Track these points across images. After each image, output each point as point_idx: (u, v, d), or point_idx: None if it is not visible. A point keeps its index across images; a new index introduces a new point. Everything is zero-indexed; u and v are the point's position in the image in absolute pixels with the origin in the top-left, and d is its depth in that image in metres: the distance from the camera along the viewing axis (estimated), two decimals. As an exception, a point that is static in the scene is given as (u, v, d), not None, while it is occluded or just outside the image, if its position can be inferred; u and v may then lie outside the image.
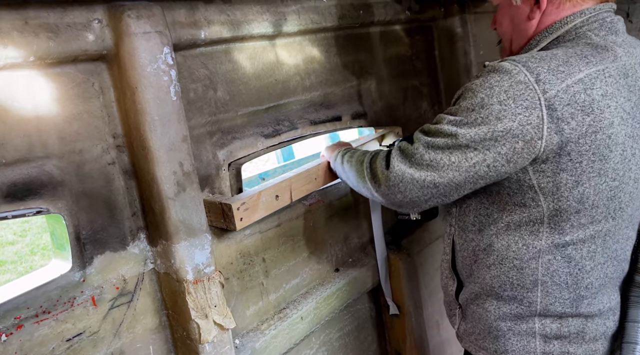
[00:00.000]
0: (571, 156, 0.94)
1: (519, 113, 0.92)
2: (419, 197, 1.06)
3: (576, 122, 0.92)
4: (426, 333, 2.10)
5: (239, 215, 1.27)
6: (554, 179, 0.97)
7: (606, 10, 1.06)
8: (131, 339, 1.22)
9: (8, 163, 0.99)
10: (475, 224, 1.16)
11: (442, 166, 1.00)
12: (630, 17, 1.80)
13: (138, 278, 1.22)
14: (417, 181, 1.04)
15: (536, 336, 1.13)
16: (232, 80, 1.39)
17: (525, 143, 0.93)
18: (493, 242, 1.13)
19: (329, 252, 1.79)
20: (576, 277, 1.08)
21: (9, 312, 1.01)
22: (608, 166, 0.97)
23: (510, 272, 1.12)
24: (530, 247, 1.07)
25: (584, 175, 0.96)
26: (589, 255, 1.06)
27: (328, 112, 1.69)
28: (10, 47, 0.93)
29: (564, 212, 1.01)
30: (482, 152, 0.96)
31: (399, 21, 1.93)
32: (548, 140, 0.93)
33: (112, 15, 1.05)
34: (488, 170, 0.97)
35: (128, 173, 1.18)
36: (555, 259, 1.07)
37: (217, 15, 1.28)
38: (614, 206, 1.03)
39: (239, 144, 1.42)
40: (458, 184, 1.01)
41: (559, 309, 1.10)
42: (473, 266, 1.21)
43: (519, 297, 1.13)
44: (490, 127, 0.93)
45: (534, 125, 0.92)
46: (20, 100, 0.99)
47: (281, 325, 1.55)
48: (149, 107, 1.10)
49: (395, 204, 1.14)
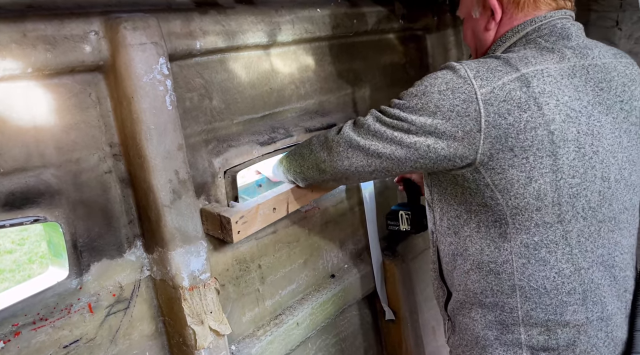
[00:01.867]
0: (515, 152, 0.98)
1: (457, 104, 0.98)
2: (364, 166, 1.13)
3: (513, 118, 0.97)
4: (422, 339, 2.11)
5: (237, 229, 1.29)
6: (504, 176, 1.00)
7: (559, 17, 1.09)
8: (128, 346, 1.23)
9: (6, 172, 1.00)
10: (450, 227, 1.18)
11: (386, 138, 1.07)
12: (619, 25, 1.83)
13: (134, 285, 1.23)
14: (362, 148, 1.11)
15: (523, 347, 1.12)
16: (227, 89, 1.42)
17: (465, 133, 0.99)
18: (468, 246, 1.14)
19: (325, 259, 1.80)
20: (554, 282, 1.08)
21: (7, 319, 1.03)
22: (561, 162, 1.00)
23: (489, 276, 1.13)
24: (502, 249, 1.09)
25: (535, 171, 0.99)
26: (564, 257, 1.06)
27: (323, 119, 1.71)
28: (8, 59, 0.95)
29: (525, 210, 1.03)
30: (422, 135, 1.03)
31: (393, 30, 1.96)
32: (487, 134, 0.98)
33: (109, 27, 1.07)
34: (428, 151, 1.03)
35: (124, 181, 1.20)
36: (530, 263, 1.07)
37: (212, 26, 1.30)
38: (581, 205, 1.04)
39: (234, 151, 1.44)
40: (399, 159, 1.07)
41: (542, 315, 1.09)
42: (454, 273, 1.21)
43: (500, 303, 1.13)
44: (430, 113, 1.01)
45: (472, 117, 0.98)
46: (19, 111, 1.01)
47: (277, 331, 1.56)
48: (145, 117, 1.12)
49: (341, 173, 1.18)
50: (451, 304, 1.26)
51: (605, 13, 1.87)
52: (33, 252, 5.87)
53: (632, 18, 1.80)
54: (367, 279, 1.91)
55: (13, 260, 5.70)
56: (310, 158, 1.27)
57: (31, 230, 6.17)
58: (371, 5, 1.81)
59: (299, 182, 1.40)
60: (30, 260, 5.71)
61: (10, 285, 5.12)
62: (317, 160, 1.24)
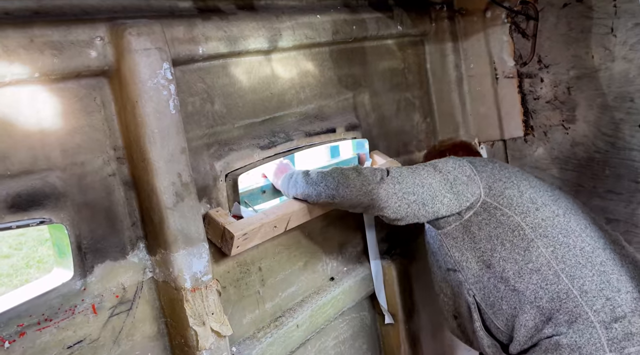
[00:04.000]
0: (503, 181, 1.50)
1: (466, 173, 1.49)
2: (406, 196, 1.41)
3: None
4: (420, 341, 2.12)
5: (237, 244, 1.33)
6: (505, 195, 1.47)
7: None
8: (130, 347, 1.24)
9: (13, 175, 1.02)
10: (481, 265, 1.45)
11: (422, 185, 1.43)
12: (614, 32, 1.86)
13: (137, 286, 1.25)
14: (409, 183, 1.42)
15: (594, 324, 1.27)
16: (229, 93, 1.44)
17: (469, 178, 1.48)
18: (505, 267, 1.41)
19: (324, 261, 1.82)
20: (583, 257, 1.38)
21: (12, 320, 1.04)
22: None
23: (532, 277, 1.36)
24: (532, 249, 1.40)
25: (521, 186, 1.50)
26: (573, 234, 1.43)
27: (322, 124, 1.74)
28: (16, 63, 0.97)
29: (528, 212, 1.45)
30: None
31: (392, 36, 1.98)
32: (480, 177, 1.48)
33: (114, 33, 1.09)
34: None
35: (128, 184, 1.22)
36: (556, 248, 1.38)
37: (215, 32, 1.33)
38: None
39: (235, 155, 1.46)
40: (432, 193, 1.42)
41: (593, 286, 1.31)
42: (503, 310, 1.41)
43: (554, 296, 1.34)
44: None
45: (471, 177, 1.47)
46: (25, 115, 1.03)
47: (277, 333, 1.57)
48: (149, 121, 1.14)
49: (389, 196, 1.40)
50: (517, 346, 1.37)
51: (600, 20, 1.90)
52: (30, 256, 5.86)
53: (627, 25, 1.83)
54: (366, 282, 1.93)
55: (10, 264, 5.69)
56: (352, 181, 1.42)
57: (28, 235, 6.16)
58: (370, 12, 1.84)
59: (319, 197, 1.48)
60: (27, 264, 5.70)
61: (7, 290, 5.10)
62: (366, 182, 1.42)
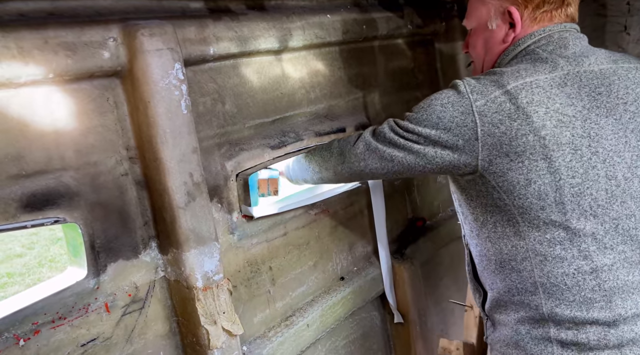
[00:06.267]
0: (510, 157, 1.08)
1: (456, 116, 1.11)
2: (377, 168, 1.26)
3: (505, 127, 1.07)
4: (431, 342, 2.12)
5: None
6: (506, 178, 1.10)
7: (558, 30, 1.18)
8: (142, 345, 1.25)
9: (28, 175, 1.03)
10: (472, 230, 1.25)
11: (398, 145, 1.20)
12: (627, 29, 1.85)
13: (149, 285, 1.26)
14: (379, 151, 1.24)
15: (552, 342, 1.14)
16: (239, 93, 1.44)
17: (465, 142, 1.10)
18: (489, 247, 1.20)
19: (334, 261, 1.82)
20: (575, 278, 1.10)
21: (27, 318, 1.05)
22: (557, 164, 1.07)
23: (512, 275, 1.17)
24: (519, 247, 1.14)
25: (532, 174, 1.08)
26: (581, 254, 1.09)
27: (332, 123, 1.74)
28: (31, 64, 0.98)
29: (530, 209, 1.10)
30: (428, 144, 1.15)
31: (402, 35, 1.98)
32: (483, 142, 1.09)
33: (127, 34, 1.10)
34: (434, 157, 1.15)
35: (140, 184, 1.23)
36: (547, 260, 1.11)
37: (226, 32, 1.33)
38: (587, 203, 1.08)
39: (246, 155, 1.46)
40: (409, 164, 1.19)
41: (567, 312, 1.11)
42: (484, 273, 1.27)
43: (525, 300, 1.17)
44: (433, 125, 1.13)
45: (470, 127, 1.09)
46: (40, 115, 1.04)
47: (288, 332, 1.58)
48: (161, 121, 1.14)
49: (356, 173, 1.33)
50: (488, 303, 1.31)
51: (613, 18, 1.88)
52: (42, 256, 5.93)
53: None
54: (376, 282, 1.93)
55: (23, 264, 5.76)
56: (330, 160, 1.41)
57: (41, 234, 6.24)
58: (380, 11, 1.83)
59: (312, 179, 1.52)
60: (40, 264, 5.76)
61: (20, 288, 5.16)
62: (336, 162, 1.38)
